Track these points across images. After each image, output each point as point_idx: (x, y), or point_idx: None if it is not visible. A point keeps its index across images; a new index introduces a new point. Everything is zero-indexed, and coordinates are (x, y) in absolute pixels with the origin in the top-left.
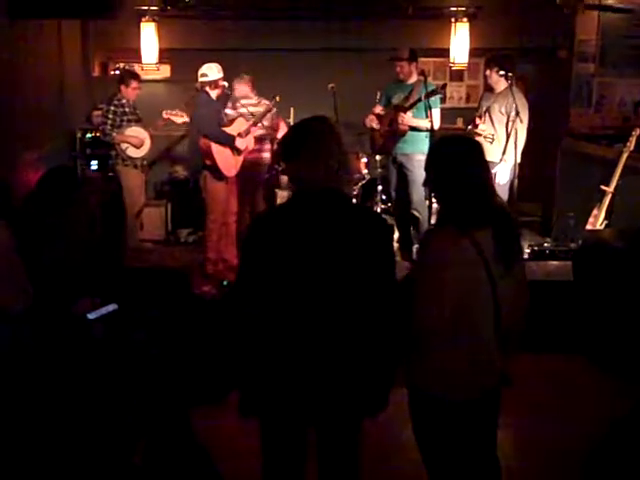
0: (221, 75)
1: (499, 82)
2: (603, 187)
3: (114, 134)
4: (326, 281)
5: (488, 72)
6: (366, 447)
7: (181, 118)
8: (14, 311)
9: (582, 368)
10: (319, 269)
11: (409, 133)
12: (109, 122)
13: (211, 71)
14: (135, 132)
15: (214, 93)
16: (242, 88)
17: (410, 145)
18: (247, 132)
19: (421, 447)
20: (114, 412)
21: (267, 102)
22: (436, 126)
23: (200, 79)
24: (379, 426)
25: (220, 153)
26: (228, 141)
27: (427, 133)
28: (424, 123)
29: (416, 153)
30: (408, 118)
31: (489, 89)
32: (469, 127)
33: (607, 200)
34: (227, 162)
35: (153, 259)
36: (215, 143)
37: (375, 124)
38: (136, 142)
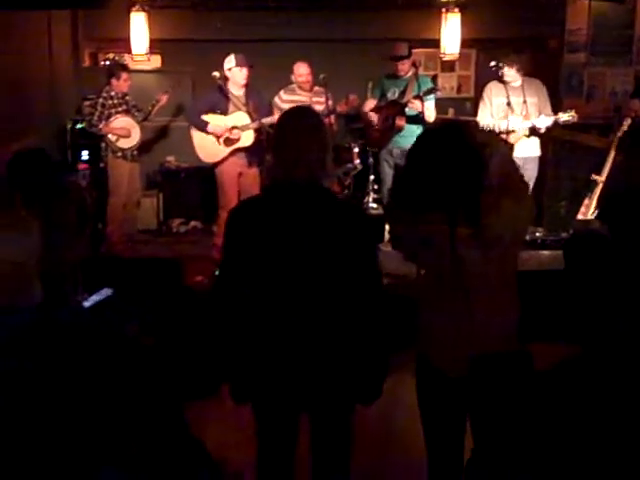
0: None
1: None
2: (594, 176)
3: (100, 125)
4: (309, 269)
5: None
6: (361, 437)
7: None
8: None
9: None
10: (300, 255)
11: (405, 127)
12: (96, 114)
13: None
14: (122, 123)
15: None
16: None
17: (406, 139)
18: None
19: (422, 416)
20: (104, 404)
21: None
22: (432, 118)
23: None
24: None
25: None
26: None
27: (421, 127)
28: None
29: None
30: (418, 104)
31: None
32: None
33: (598, 190)
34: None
35: (145, 250)
36: None
37: (375, 119)
38: (123, 133)
